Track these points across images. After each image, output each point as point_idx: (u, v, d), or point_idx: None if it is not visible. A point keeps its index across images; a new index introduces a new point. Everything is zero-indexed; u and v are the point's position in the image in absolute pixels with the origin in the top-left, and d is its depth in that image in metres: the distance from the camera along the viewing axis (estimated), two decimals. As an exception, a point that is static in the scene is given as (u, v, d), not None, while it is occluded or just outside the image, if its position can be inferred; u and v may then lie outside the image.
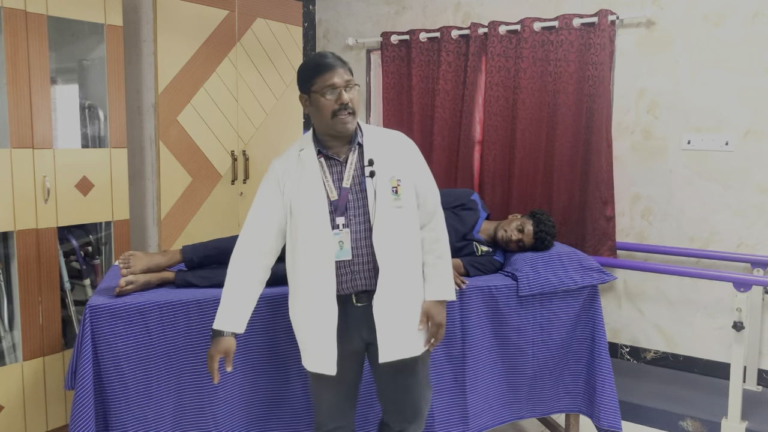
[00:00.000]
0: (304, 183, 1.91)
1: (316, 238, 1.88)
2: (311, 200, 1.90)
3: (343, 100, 1.87)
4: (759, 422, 2.99)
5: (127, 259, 2.30)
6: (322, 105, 1.87)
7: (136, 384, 2.16)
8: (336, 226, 1.89)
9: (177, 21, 3.19)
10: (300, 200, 1.91)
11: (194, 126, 3.32)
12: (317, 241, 1.88)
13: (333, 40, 4.65)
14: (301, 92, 1.95)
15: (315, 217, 1.88)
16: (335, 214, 1.89)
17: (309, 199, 1.90)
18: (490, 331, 2.56)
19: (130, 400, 2.15)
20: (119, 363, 2.14)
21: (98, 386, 2.14)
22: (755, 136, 3.35)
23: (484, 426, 2.56)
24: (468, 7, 4.08)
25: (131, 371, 2.15)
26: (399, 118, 4.27)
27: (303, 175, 1.92)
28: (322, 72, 1.87)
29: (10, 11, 2.58)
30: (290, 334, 2.32)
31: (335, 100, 1.87)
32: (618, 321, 3.80)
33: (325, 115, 1.88)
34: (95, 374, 2.13)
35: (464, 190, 2.98)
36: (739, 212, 3.41)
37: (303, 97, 1.94)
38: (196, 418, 2.24)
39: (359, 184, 1.93)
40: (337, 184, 1.91)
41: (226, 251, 2.49)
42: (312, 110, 1.92)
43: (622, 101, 3.67)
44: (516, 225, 2.76)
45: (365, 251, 1.91)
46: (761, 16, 3.28)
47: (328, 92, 1.87)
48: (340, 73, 1.89)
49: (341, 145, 1.95)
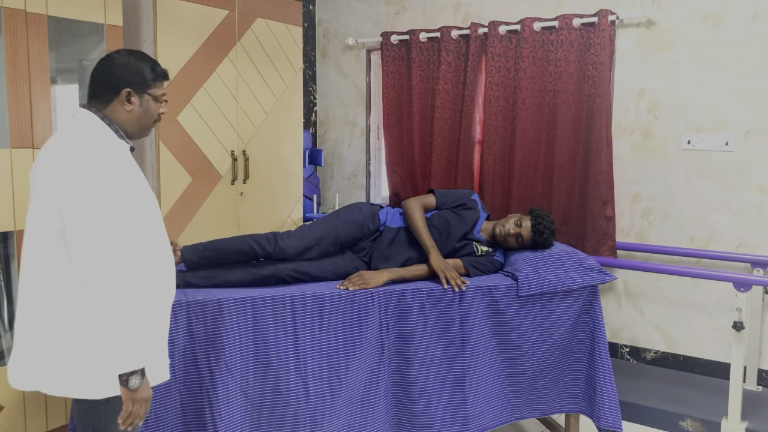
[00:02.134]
0: (139, 184, 1.81)
1: (164, 240, 1.85)
2: (152, 203, 1.84)
3: (163, 112, 1.91)
4: (759, 422, 2.99)
5: None
6: (151, 109, 1.87)
7: None
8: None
9: (177, 21, 3.19)
10: (141, 202, 1.79)
11: (194, 126, 3.32)
12: (165, 243, 1.85)
13: (333, 40, 4.65)
14: (131, 88, 1.81)
15: (158, 220, 1.85)
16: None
17: (150, 202, 1.83)
18: (490, 331, 2.56)
19: None
20: None
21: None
22: (755, 136, 3.35)
23: (484, 426, 2.56)
24: (468, 7, 4.08)
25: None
26: (399, 118, 4.27)
27: (134, 175, 1.81)
28: (162, 79, 1.88)
29: (10, 11, 2.58)
30: (291, 334, 2.33)
31: (158, 109, 1.89)
32: (618, 321, 3.80)
33: (148, 120, 1.87)
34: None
35: (464, 190, 2.98)
36: (739, 212, 3.41)
37: (129, 93, 1.81)
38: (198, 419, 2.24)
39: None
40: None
41: (226, 252, 2.50)
42: (136, 110, 1.83)
43: (622, 101, 3.67)
44: (514, 220, 2.77)
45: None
46: (761, 16, 3.28)
47: (159, 100, 1.88)
48: (164, 86, 1.91)
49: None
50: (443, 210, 2.79)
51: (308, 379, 2.33)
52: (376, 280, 2.47)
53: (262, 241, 2.51)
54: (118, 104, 1.80)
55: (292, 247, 2.52)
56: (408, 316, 2.46)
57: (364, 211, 2.71)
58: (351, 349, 2.40)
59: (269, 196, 3.75)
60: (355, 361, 2.40)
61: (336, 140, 4.71)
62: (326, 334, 2.37)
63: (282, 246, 2.51)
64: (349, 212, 2.70)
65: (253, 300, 2.30)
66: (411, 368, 2.47)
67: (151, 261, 1.77)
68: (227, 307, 2.26)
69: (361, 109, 4.59)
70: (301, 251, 2.53)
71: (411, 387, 2.47)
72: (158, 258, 1.81)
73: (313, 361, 2.34)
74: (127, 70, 1.82)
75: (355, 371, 2.41)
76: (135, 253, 1.70)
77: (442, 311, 2.49)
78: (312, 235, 2.57)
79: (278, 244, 2.51)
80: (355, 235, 2.64)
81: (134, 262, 1.69)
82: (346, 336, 2.40)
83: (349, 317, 2.40)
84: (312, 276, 2.53)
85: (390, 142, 4.31)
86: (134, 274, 1.68)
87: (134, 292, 1.66)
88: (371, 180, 4.63)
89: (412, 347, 2.47)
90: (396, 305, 2.46)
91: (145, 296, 1.72)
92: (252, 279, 2.44)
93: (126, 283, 1.64)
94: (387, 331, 2.45)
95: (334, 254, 2.63)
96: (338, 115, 4.70)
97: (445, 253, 2.66)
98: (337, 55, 4.65)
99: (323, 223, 2.64)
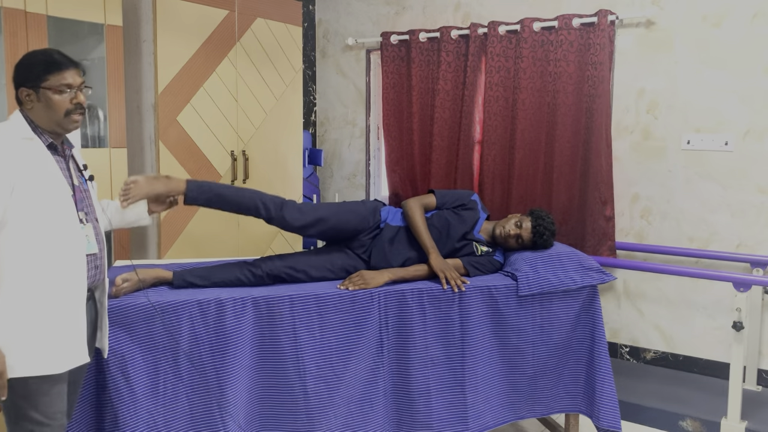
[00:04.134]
0: (44, 176, 1.83)
1: (66, 233, 1.85)
2: (57, 194, 1.85)
3: (79, 101, 1.88)
4: (759, 422, 2.99)
5: (127, 188, 2.26)
6: (55, 102, 1.85)
7: (142, 388, 2.16)
8: (80, 220, 1.90)
9: (177, 21, 3.19)
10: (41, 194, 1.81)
11: (194, 126, 3.32)
12: (68, 236, 1.86)
13: (333, 40, 4.65)
14: (25, 87, 1.85)
15: (62, 211, 1.85)
16: (77, 208, 1.90)
17: (54, 193, 1.84)
18: (489, 331, 2.56)
19: (137, 405, 2.15)
20: (124, 366, 2.13)
21: (103, 392, 2.14)
22: (755, 136, 3.35)
23: (484, 426, 2.55)
24: (468, 8, 4.08)
25: (135, 374, 2.15)
26: (398, 118, 4.27)
27: (38, 167, 1.83)
28: (58, 70, 1.86)
29: (10, 11, 2.58)
30: (290, 333, 2.33)
31: (70, 99, 1.87)
32: (617, 321, 3.80)
33: (57, 113, 1.86)
34: (98, 378, 2.13)
35: (464, 190, 2.98)
36: (739, 212, 3.41)
37: (26, 92, 1.84)
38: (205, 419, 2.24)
39: (83, 182, 1.97)
40: (69, 180, 1.90)
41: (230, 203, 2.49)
42: (37, 105, 1.85)
43: (622, 101, 3.67)
44: (514, 221, 2.77)
45: (100, 246, 1.97)
46: (760, 16, 3.28)
47: (63, 90, 1.86)
48: (74, 74, 1.88)
49: (59, 142, 1.93)
50: (443, 210, 2.79)
51: (307, 378, 2.33)
52: (377, 281, 2.47)
53: (269, 203, 2.51)
54: (24, 104, 1.85)
55: (293, 219, 2.53)
56: (408, 316, 2.46)
57: (368, 206, 2.74)
58: (350, 348, 2.40)
59: (269, 196, 3.76)
60: (355, 360, 2.40)
61: (336, 140, 4.71)
62: (326, 333, 2.37)
63: (284, 215, 2.52)
64: (353, 204, 2.74)
65: (254, 299, 2.30)
66: (411, 368, 2.47)
67: (29, 250, 1.78)
68: (228, 306, 2.26)
69: (360, 109, 4.59)
70: (301, 226, 2.55)
71: (411, 387, 2.47)
72: (46, 247, 1.80)
73: (312, 360, 2.34)
74: (21, 70, 1.86)
75: (355, 371, 2.41)
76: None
77: (442, 311, 2.49)
78: (315, 213, 2.59)
79: (281, 212, 2.51)
80: (354, 226, 2.65)
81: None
82: (346, 336, 2.40)
83: (348, 317, 2.40)
84: (310, 276, 2.53)
85: (390, 142, 4.31)
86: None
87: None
88: (371, 180, 4.63)
89: (411, 347, 2.46)
90: (396, 305, 2.46)
91: (9, 287, 1.76)
92: (251, 278, 2.44)
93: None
94: (387, 330, 2.45)
95: (332, 251, 2.63)
96: (338, 115, 4.70)
97: (445, 253, 2.66)
98: (336, 55, 4.65)
99: (328, 206, 2.67)
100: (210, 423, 2.23)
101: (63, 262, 1.84)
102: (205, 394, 2.22)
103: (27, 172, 1.78)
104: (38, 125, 1.87)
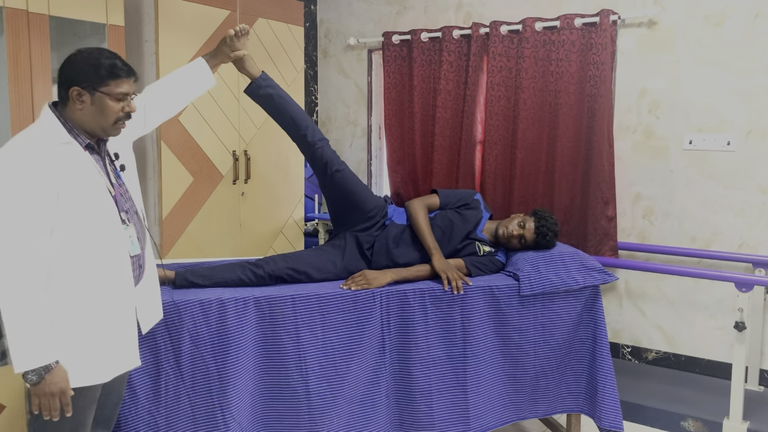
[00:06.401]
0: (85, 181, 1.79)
1: (106, 235, 1.82)
2: (99, 198, 1.82)
3: (131, 109, 1.86)
4: (760, 422, 2.99)
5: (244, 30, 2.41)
6: (108, 108, 1.81)
7: (143, 388, 2.16)
8: (123, 221, 1.87)
9: (178, 21, 3.19)
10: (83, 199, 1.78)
11: (196, 126, 3.32)
12: (113, 239, 1.83)
13: (334, 39, 4.65)
14: (80, 86, 1.78)
15: (105, 214, 1.82)
16: (118, 209, 1.86)
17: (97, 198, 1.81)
18: (491, 331, 2.56)
19: (138, 405, 2.15)
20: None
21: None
22: (757, 136, 3.34)
23: (486, 426, 2.56)
24: (469, 7, 4.08)
25: (136, 374, 2.15)
26: (400, 118, 4.27)
27: (78, 173, 1.78)
28: (120, 77, 1.81)
29: (12, 11, 2.58)
30: (292, 333, 2.33)
31: (122, 108, 1.83)
32: (619, 321, 3.80)
33: (106, 119, 1.82)
34: None
35: (467, 190, 2.98)
36: (741, 212, 3.41)
37: (78, 91, 1.78)
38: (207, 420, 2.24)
39: (119, 178, 1.93)
40: (107, 181, 1.87)
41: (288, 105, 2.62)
42: (88, 108, 1.80)
43: (624, 101, 3.66)
44: (517, 221, 2.77)
45: (142, 245, 1.96)
46: (762, 16, 3.28)
47: (121, 99, 1.82)
48: (132, 84, 1.86)
49: (95, 141, 1.89)
50: (446, 210, 2.79)
51: (309, 378, 2.33)
52: (379, 281, 2.47)
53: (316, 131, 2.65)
54: (71, 103, 1.79)
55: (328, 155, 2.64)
56: (410, 315, 2.46)
57: (379, 200, 2.78)
58: (352, 348, 2.40)
59: (271, 196, 3.76)
60: (357, 360, 2.40)
61: (337, 140, 4.71)
62: (328, 333, 2.37)
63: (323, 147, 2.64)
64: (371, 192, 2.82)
65: (256, 299, 2.30)
66: (413, 368, 2.47)
67: (76, 258, 1.74)
68: (230, 306, 2.26)
69: (362, 109, 4.59)
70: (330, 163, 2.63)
71: (413, 387, 2.47)
72: (93, 254, 1.77)
73: (315, 360, 2.34)
74: (77, 68, 1.80)
75: (357, 371, 2.41)
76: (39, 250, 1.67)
77: (444, 311, 2.49)
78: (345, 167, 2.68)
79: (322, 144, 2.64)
80: (369, 207, 2.69)
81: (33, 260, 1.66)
82: (348, 335, 2.40)
83: (350, 317, 2.40)
84: (312, 277, 2.53)
85: (391, 142, 4.31)
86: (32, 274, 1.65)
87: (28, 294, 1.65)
88: (373, 180, 4.63)
89: (413, 347, 2.47)
90: (398, 305, 2.46)
91: (60, 297, 1.72)
92: (253, 278, 2.44)
93: (15, 286, 1.63)
94: (389, 330, 2.45)
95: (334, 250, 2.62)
96: (340, 115, 4.70)
97: (448, 253, 2.66)
98: (338, 55, 4.65)
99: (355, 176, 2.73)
100: (212, 423, 2.22)
101: (110, 267, 1.81)
102: (207, 395, 2.22)
103: (68, 178, 1.74)
104: (77, 126, 1.81)
